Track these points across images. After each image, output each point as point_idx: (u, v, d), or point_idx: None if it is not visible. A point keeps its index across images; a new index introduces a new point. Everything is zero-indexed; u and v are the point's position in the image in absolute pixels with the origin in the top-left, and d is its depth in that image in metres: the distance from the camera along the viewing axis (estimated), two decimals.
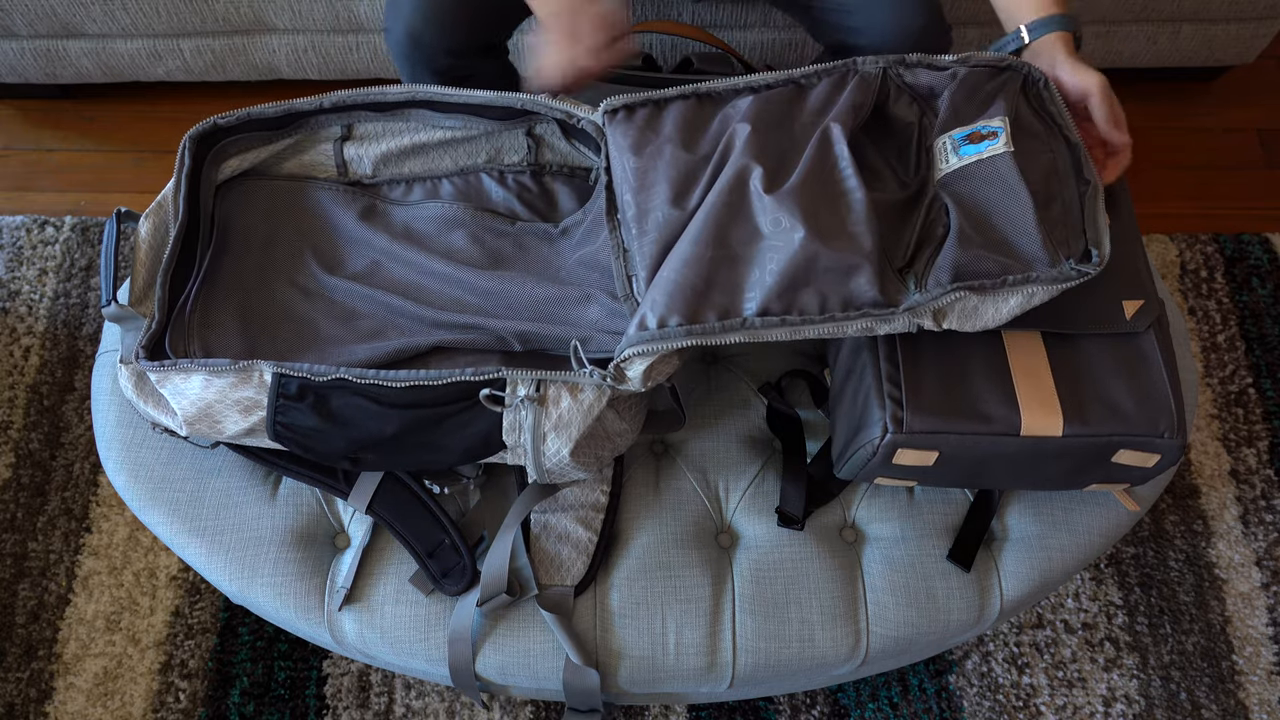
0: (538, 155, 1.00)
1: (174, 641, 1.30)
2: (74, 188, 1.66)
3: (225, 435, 0.86)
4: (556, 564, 0.91)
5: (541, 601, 0.90)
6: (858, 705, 1.27)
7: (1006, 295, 0.77)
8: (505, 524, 0.90)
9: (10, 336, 1.50)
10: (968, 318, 0.78)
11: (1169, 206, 1.66)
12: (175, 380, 0.84)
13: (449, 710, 1.26)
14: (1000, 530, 0.96)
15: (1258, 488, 1.42)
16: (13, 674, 1.28)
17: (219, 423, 0.85)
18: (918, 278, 0.80)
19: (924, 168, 0.87)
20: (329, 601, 0.93)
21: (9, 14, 1.48)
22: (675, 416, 0.94)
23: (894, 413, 0.82)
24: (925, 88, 0.89)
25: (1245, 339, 1.53)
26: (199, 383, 0.83)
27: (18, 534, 1.37)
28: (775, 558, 0.93)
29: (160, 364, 0.84)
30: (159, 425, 0.89)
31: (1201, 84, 1.77)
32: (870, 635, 0.92)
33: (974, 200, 0.81)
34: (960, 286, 0.76)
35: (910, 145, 0.88)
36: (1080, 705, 1.28)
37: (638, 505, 0.95)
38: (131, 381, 0.88)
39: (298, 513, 0.95)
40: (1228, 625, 1.33)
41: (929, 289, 0.77)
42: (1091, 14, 1.51)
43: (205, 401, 0.84)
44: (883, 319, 0.77)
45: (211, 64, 1.60)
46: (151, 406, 0.88)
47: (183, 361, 0.83)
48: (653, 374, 0.80)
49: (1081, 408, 0.82)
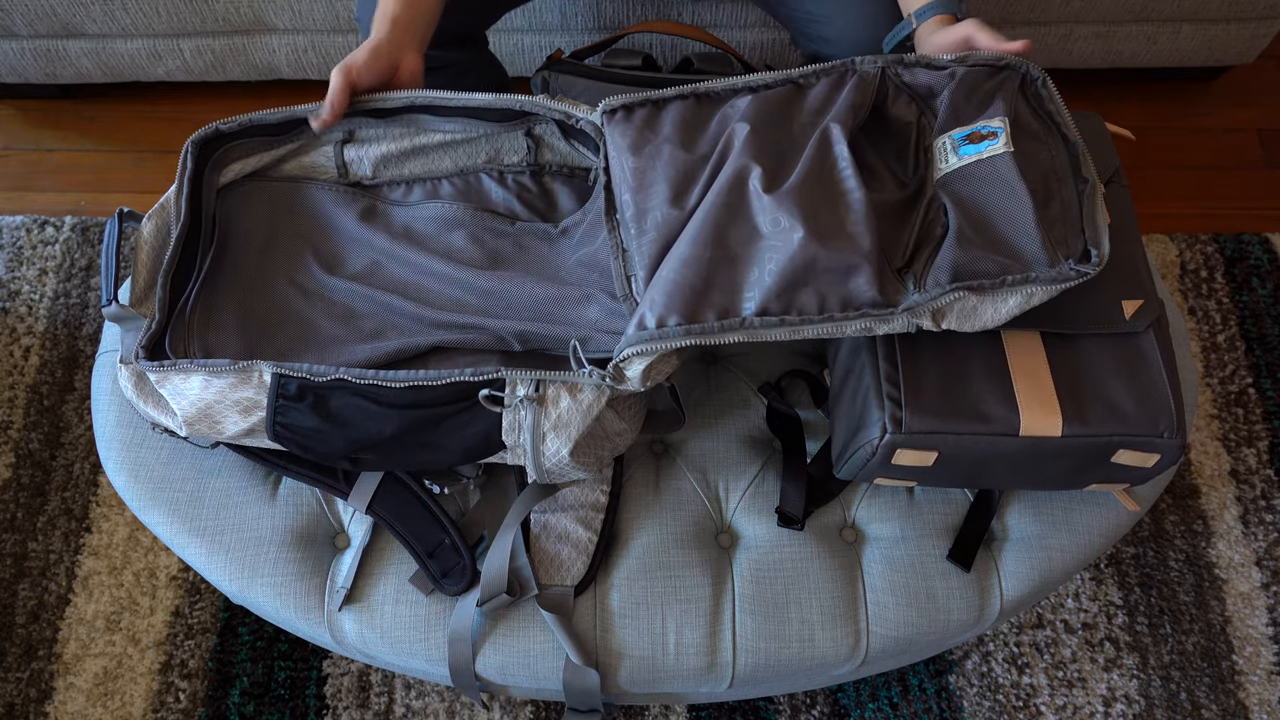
0: (537, 155, 1.00)
1: (174, 641, 1.30)
2: (74, 188, 1.66)
3: (225, 436, 0.86)
4: (556, 564, 0.91)
5: (541, 601, 0.90)
6: (858, 705, 1.27)
7: (1005, 295, 0.77)
8: (505, 524, 0.90)
9: (10, 336, 1.50)
10: (966, 318, 0.78)
11: (1169, 206, 1.66)
12: (175, 380, 0.84)
13: (449, 710, 1.26)
14: (1000, 530, 0.96)
15: (1258, 488, 1.42)
16: (13, 674, 1.28)
17: (219, 423, 0.85)
18: (916, 278, 0.80)
19: (922, 167, 0.87)
20: (329, 601, 0.93)
21: (9, 14, 1.48)
22: (675, 416, 0.94)
23: (893, 413, 0.82)
24: (924, 87, 0.89)
25: (1245, 339, 1.53)
26: (198, 383, 0.83)
27: (18, 534, 1.37)
28: (775, 558, 0.93)
29: (160, 364, 0.84)
30: (159, 426, 0.89)
31: (1201, 84, 1.77)
32: (870, 635, 0.92)
33: (973, 200, 0.81)
34: (959, 287, 0.76)
35: (909, 145, 0.88)
36: (1080, 705, 1.28)
37: (638, 505, 0.95)
38: (131, 381, 0.88)
39: (298, 513, 0.95)
40: (1228, 625, 1.33)
41: (928, 289, 0.77)
42: (1092, 14, 1.51)
43: (205, 402, 0.84)
44: (881, 319, 0.77)
45: (211, 64, 1.60)
46: (151, 407, 0.88)
47: (182, 362, 0.83)
48: (652, 374, 0.80)
49: (1081, 408, 0.82)
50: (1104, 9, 1.50)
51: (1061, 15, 1.51)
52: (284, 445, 0.86)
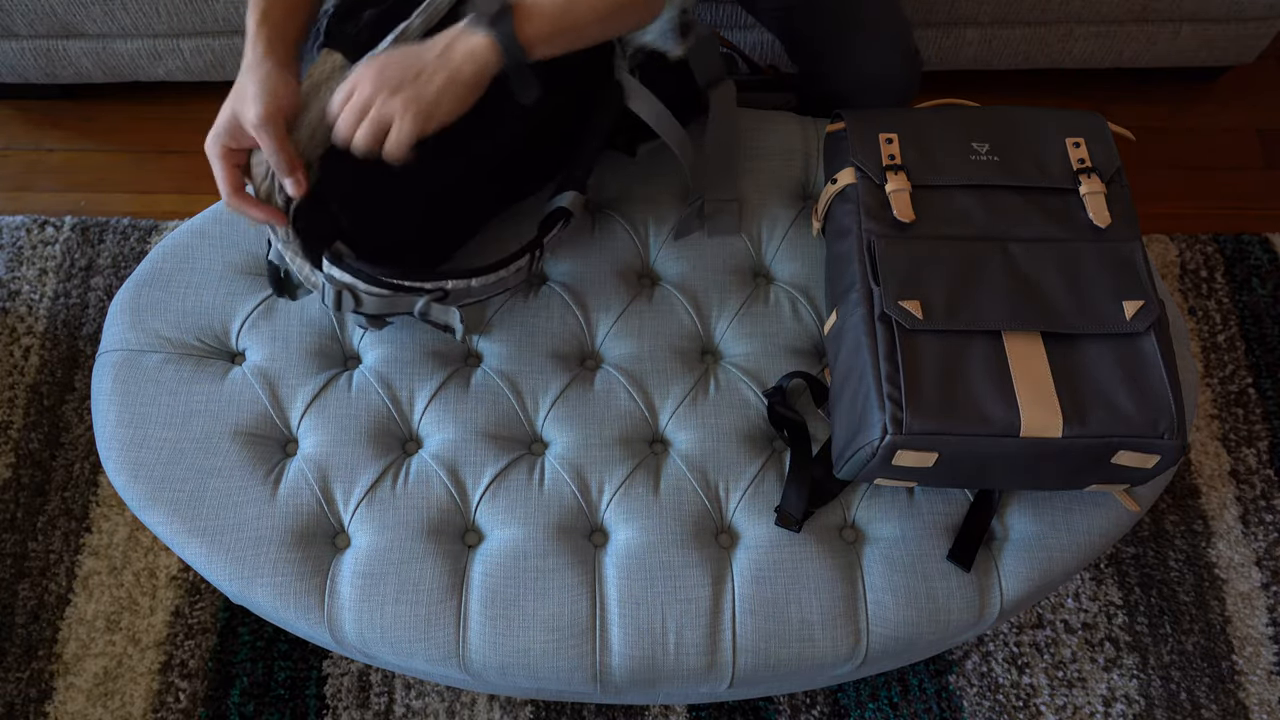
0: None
1: (174, 641, 1.30)
2: (74, 188, 1.66)
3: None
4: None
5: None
6: (858, 705, 1.27)
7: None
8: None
9: (10, 336, 1.50)
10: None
11: (1169, 206, 1.66)
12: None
13: (449, 710, 1.26)
14: (1000, 530, 0.96)
15: (1258, 488, 1.42)
16: (13, 674, 1.28)
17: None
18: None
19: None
20: (329, 601, 0.93)
21: (9, 14, 1.48)
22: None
23: (893, 414, 0.82)
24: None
25: (1245, 339, 1.53)
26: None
27: (18, 534, 1.37)
28: (775, 558, 0.93)
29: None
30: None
31: (1201, 84, 1.77)
32: (870, 635, 0.92)
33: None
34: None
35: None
36: (1080, 705, 1.28)
37: (638, 505, 0.95)
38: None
39: (298, 513, 0.95)
40: (1228, 625, 1.33)
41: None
42: (1091, 14, 1.51)
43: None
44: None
45: (211, 64, 1.60)
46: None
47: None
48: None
49: (1081, 409, 0.82)
50: (1104, 9, 1.50)
51: (1061, 15, 1.51)
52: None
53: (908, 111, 1.00)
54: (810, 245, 1.08)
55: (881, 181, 0.95)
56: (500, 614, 0.91)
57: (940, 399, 0.82)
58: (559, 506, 0.95)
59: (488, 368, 1.01)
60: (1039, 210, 0.93)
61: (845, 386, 0.89)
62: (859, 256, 0.92)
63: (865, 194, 0.95)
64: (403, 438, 1.00)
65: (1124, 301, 0.86)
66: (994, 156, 0.96)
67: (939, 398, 0.82)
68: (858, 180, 0.96)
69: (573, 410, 0.99)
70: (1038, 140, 0.97)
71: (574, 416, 0.99)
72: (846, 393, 0.89)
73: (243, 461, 0.97)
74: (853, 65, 1.14)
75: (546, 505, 0.95)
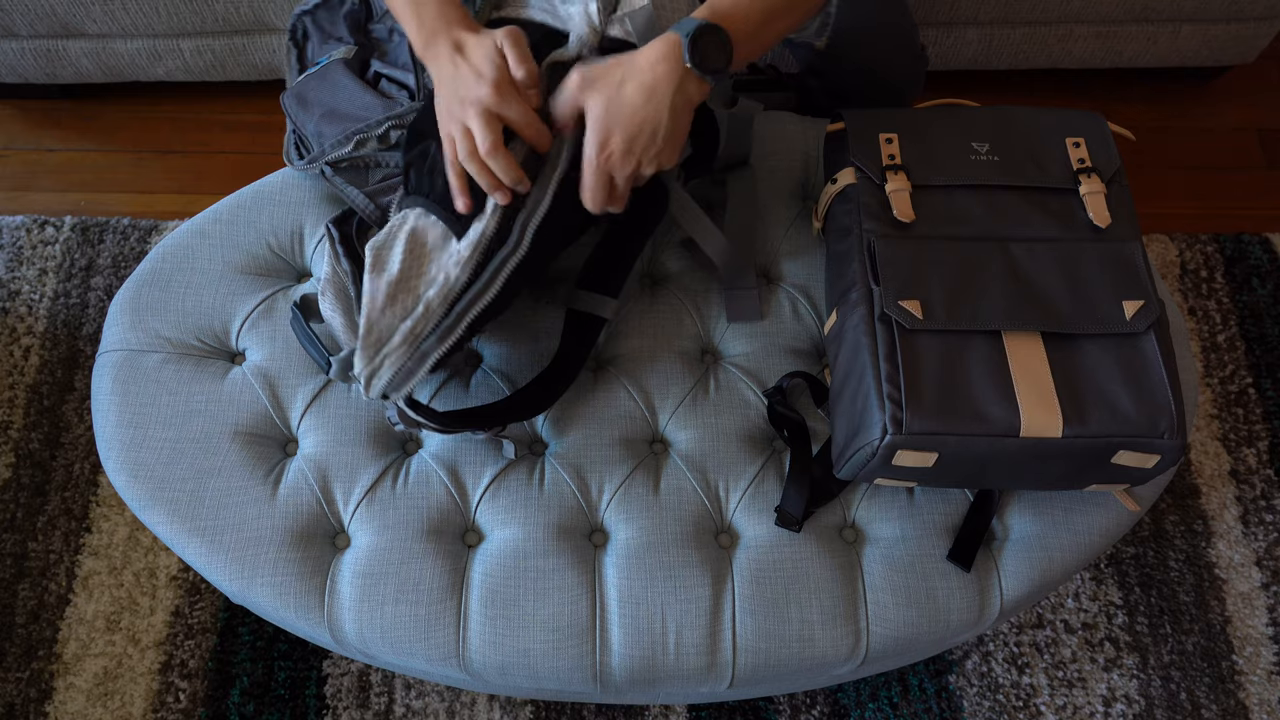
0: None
1: (174, 641, 1.30)
2: (74, 188, 1.66)
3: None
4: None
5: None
6: (858, 705, 1.27)
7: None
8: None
9: (10, 336, 1.50)
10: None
11: (1169, 206, 1.66)
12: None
13: (449, 710, 1.26)
14: (1000, 530, 0.96)
15: (1258, 488, 1.42)
16: (13, 674, 1.28)
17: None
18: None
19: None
20: (329, 601, 0.93)
21: (9, 14, 1.48)
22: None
23: (893, 414, 0.82)
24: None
25: (1245, 339, 1.53)
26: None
27: (18, 534, 1.37)
28: (775, 558, 0.93)
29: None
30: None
31: (1201, 84, 1.77)
32: (870, 635, 0.92)
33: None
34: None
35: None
36: (1080, 705, 1.28)
37: (638, 505, 0.95)
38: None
39: (298, 513, 0.95)
40: (1228, 625, 1.33)
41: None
42: (1091, 14, 1.51)
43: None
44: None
45: (211, 64, 1.60)
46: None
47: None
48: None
49: (1081, 409, 0.82)
50: (1104, 9, 1.50)
51: (1061, 15, 1.51)
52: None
53: (908, 111, 1.00)
54: (810, 245, 1.08)
55: (881, 181, 0.95)
56: (500, 614, 0.91)
57: (940, 399, 0.82)
58: (559, 506, 0.95)
59: (487, 368, 1.01)
60: (1039, 210, 0.93)
61: (845, 386, 0.89)
62: (859, 256, 0.92)
63: (865, 194, 0.95)
64: (403, 437, 1.00)
65: (1124, 301, 0.86)
66: (994, 156, 0.96)
67: (939, 398, 0.82)
68: (858, 180, 0.96)
69: (572, 410, 0.99)
70: (1038, 140, 0.97)
71: (573, 416, 0.99)
72: (846, 393, 0.89)
73: (243, 461, 0.97)
74: (856, 64, 1.13)
75: (546, 505, 0.95)
